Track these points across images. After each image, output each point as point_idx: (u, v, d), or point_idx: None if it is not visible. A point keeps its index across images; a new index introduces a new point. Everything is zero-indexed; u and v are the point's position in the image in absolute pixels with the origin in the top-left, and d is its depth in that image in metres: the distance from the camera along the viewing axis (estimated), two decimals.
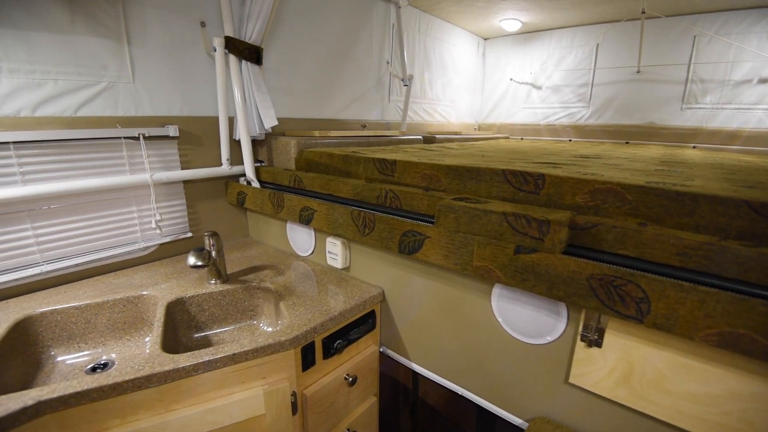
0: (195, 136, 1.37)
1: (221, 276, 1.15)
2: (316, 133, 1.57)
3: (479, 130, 3.39)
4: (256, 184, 1.43)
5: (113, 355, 1.05)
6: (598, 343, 0.76)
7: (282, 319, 1.07)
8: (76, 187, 1.10)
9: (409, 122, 2.42)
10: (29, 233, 1.09)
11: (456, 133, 2.61)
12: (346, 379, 1.07)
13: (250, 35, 1.38)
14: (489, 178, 0.93)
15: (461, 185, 0.97)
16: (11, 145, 1.03)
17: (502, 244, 0.78)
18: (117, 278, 1.18)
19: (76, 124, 1.12)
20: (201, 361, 0.79)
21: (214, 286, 1.13)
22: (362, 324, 1.10)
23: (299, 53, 1.68)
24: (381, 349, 1.22)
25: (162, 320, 0.95)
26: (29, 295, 1.09)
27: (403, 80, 2.23)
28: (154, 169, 1.26)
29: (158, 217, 1.29)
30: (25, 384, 0.92)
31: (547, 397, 0.90)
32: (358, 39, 1.98)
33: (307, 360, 0.97)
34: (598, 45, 2.66)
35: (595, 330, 0.75)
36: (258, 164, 1.49)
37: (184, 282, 1.16)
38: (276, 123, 1.43)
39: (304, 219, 1.21)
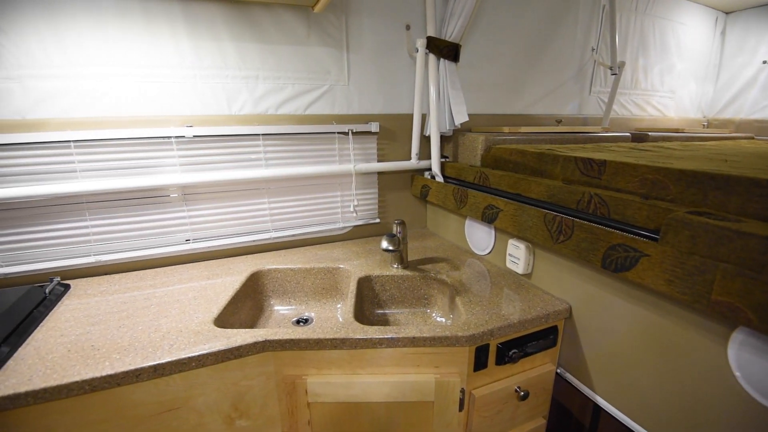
0: (391, 132, 1.49)
1: (403, 262, 1.22)
2: (506, 129, 1.50)
3: (709, 127, 2.70)
4: (440, 178, 1.47)
5: (312, 314, 1.24)
6: None
7: (456, 314, 1.07)
8: (300, 172, 1.34)
9: (612, 117, 2.10)
10: (266, 206, 1.38)
11: (676, 131, 2.13)
12: (516, 391, 1.00)
13: (451, 33, 1.41)
14: (744, 189, 0.71)
15: (700, 196, 0.77)
16: (261, 137, 1.31)
17: (764, 278, 0.59)
18: (320, 250, 1.40)
19: (304, 121, 1.36)
20: (386, 336, 0.86)
21: (396, 270, 1.22)
22: (541, 338, 1.01)
23: (494, 46, 1.63)
24: (558, 371, 1.10)
25: (354, 293, 1.07)
26: (260, 254, 1.39)
27: (611, 68, 1.94)
28: (357, 160, 1.43)
29: (356, 203, 1.47)
30: (253, 322, 1.17)
31: None
32: (561, 25, 1.80)
33: (480, 361, 0.95)
34: None
35: None
36: (443, 159, 1.53)
37: (371, 262, 1.28)
38: (467, 119, 1.43)
39: (487, 217, 1.18)
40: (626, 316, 0.89)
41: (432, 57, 1.42)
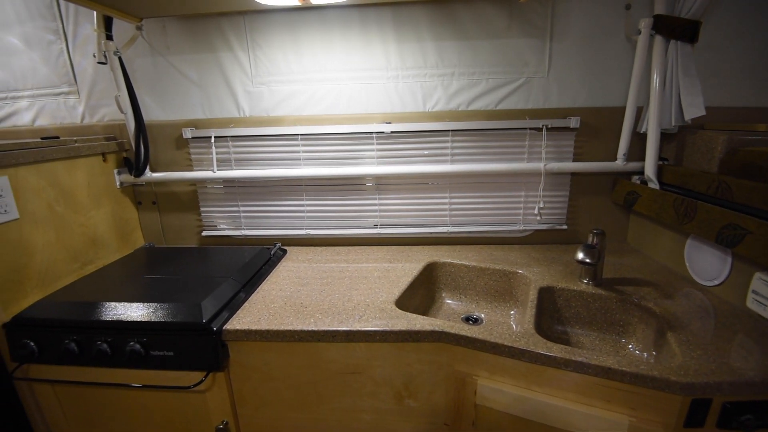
0: (593, 128, 1.31)
1: (596, 278, 1.07)
2: (761, 127, 1.14)
3: None
4: (654, 184, 1.22)
5: (482, 314, 1.21)
6: None
7: (664, 353, 0.87)
8: (485, 169, 1.31)
9: None
10: (446, 200, 1.41)
11: None
12: None
13: (689, 9, 1.14)
14: None
15: None
16: (449, 133, 1.34)
17: None
18: (496, 251, 1.35)
19: (494, 116, 1.32)
20: (573, 359, 0.77)
21: (586, 285, 1.07)
22: None
23: (744, 19, 1.25)
24: None
25: (535, 303, 0.99)
26: (437, 246, 1.43)
27: None
28: (548, 159, 1.32)
29: (541, 205, 1.36)
30: (425, 310, 1.21)
31: None
32: None
33: (695, 418, 0.75)
34: None
35: None
36: (661, 162, 1.26)
37: (554, 272, 1.16)
38: (703, 113, 1.14)
39: (725, 239, 0.92)
40: None
41: (658, 39, 1.18)
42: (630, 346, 1.02)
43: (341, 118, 1.36)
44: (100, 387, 1.02)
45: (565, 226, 1.38)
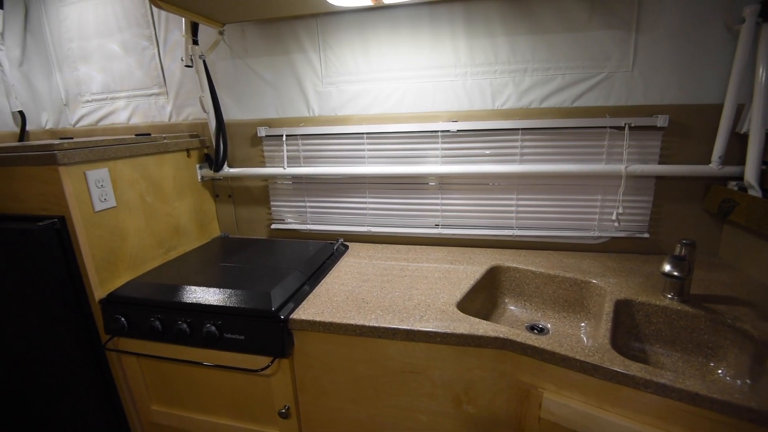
0: (684, 128, 1.19)
1: (683, 293, 0.97)
2: None
3: None
4: (756, 192, 1.08)
5: (548, 324, 1.15)
6: None
7: (763, 383, 0.77)
8: (558, 170, 1.24)
9: None
10: (513, 202, 1.35)
11: None
12: None
13: None
14: None
15: None
16: (519, 132, 1.28)
17: None
18: (566, 258, 1.27)
19: (570, 114, 1.24)
20: (655, 380, 0.70)
21: (670, 301, 0.97)
22: None
23: None
24: None
25: (611, 316, 0.92)
26: (500, 249, 1.38)
27: None
28: (630, 160, 1.21)
29: (620, 210, 1.26)
30: (486, 314, 1.17)
31: None
32: None
33: None
34: None
35: None
36: (765, 166, 1.11)
37: (633, 284, 1.07)
38: None
39: None
40: None
41: (767, 28, 1.04)
42: (720, 372, 0.91)
43: (406, 116, 1.36)
44: (178, 363, 1.11)
45: (646, 235, 1.27)
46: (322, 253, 1.32)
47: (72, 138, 1.45)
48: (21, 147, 1.06)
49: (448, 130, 1.32)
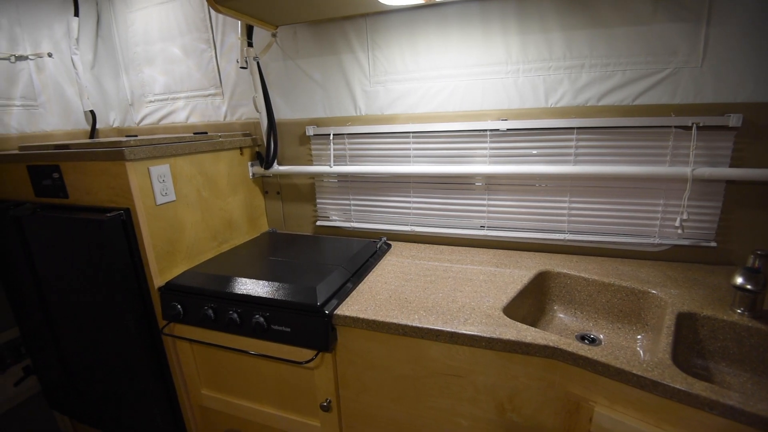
0: (760, 128, 1.08)
1: (755, 308, 0.88)
2: None
3: None
4: None
5: (601, 335, 1.09)
6: None
7: None
8: (616, 172, 1.16)
9: None
10: (565, 205, 1.29)
11: None
12: None
13: None
14: None
15: None
16: (575, 131, 1.22)
17: None
18: (622, 265, 1.20)
19: (630, 113, 1.16)
20: (722, 401, 0.64)
21: (740, 316, 0.89)
22: None
23: None
24: None
25: (672, 329, 0.85)
26: (550, 254, 1.33)
27: None
28: (698, 163, 1.12)
29: (685, 216, 1.16)
30: (534, 321, 1.13)
31: None
32: None
33: None
34: None
35: None
36: None
37: (697, 296, 0.99)
38: None
39: None
40: None
41: None
42: None
43: (454, 115, 1.34)
44: (227, 351, 1.16)
45: (713, 243, 1.17)
46: (366, 251, 1.33)
47: (136, 136, 1.56)
48: (93, 144, 1.15)
49: (498, 129, 1.28)
